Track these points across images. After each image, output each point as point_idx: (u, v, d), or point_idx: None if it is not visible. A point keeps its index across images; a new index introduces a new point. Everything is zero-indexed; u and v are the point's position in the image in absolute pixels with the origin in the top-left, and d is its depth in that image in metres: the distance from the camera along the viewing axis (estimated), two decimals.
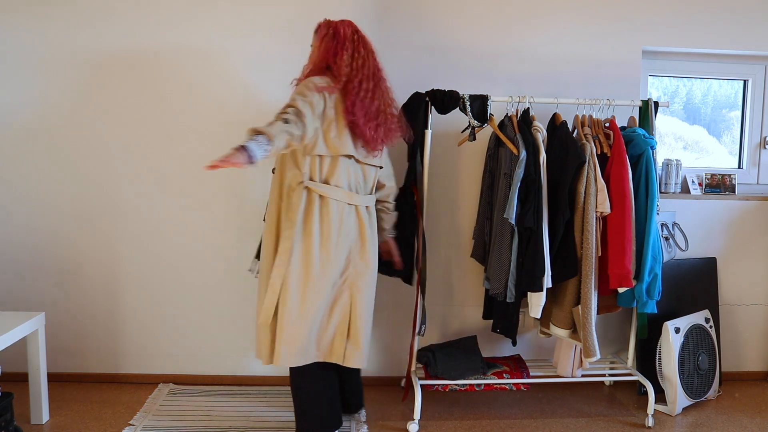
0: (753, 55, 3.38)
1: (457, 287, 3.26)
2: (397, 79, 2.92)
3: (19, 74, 3.02)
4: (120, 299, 3.17)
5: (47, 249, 3.13)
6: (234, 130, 3.10)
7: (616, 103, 2.88)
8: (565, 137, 2.76)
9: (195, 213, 3.13)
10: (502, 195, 2.75)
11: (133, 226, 3.14)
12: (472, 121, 2.79)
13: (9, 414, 2.51)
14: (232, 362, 3.22)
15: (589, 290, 2.70)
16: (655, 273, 2.79)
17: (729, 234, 3.36)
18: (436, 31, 3.11)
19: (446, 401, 3.08)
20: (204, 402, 3.00)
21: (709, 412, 3.04)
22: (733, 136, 3.61)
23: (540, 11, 3.15)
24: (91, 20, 3.01)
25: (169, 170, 3.12)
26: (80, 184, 3.10)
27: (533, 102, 2.83)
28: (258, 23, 3.04)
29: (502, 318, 2.85)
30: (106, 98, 3.06)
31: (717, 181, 3.41)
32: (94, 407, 2.93)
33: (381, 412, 2.96)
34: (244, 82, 3.06)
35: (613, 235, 2.74)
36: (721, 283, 3.37)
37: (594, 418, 2.95)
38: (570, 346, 2.95)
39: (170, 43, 3.03)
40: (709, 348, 3.11)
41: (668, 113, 3.56)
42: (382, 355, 3.27)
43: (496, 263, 2.75)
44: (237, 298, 3.15)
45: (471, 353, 2.95)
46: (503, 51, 3.14)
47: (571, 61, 3.18)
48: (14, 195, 3.10)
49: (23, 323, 2.59)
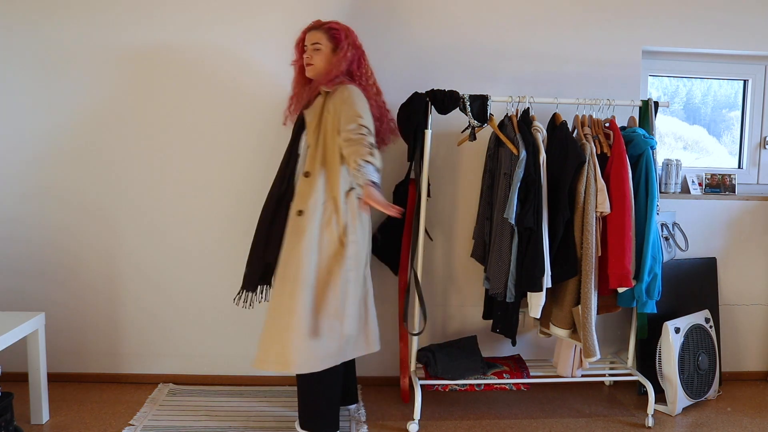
0: (753, 55, 3.38)
1: (457, 287, 3.26)
2: (397, 79, 2.93)
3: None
4: (120, 299, 3.18)
5: (48, 249, 3.13)
6: (234, 130, 3.12)
7: (616, 103, 2.88)
8: (565, 137, 2.76)
9: (195, 213, 3.14)
10: (502, 195, 2.75)
11: (133, 227, 3.14)
12: (472, 121, 2.79)
13: (9, 414, 2.51)
14: (232, 362, 3.22)
15: (589, 290, 2.70)
16: (654, 273, 2.79)
17: (729, 234, 3.36)
18: (436, 31, 3.11)
19: (446, 401, 3.08)
20: (204, 402, 3.00)
21: (709, 412, 3.04)
22: (733, 136, 3.62)
23: (540, 11, 3.15)
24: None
25: (168, 171, 3.12)
26: (80, 184, 3.10)
27: (533, 102, 2.83)
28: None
29: (501, 318, 2.85)
30: (105, 98, 3.07)
31: (717, 181, 3.41)
32: (94, 407, 2.93)
33: (381, 412, 2.96)
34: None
35: (613, 235, 2.74)
36: (721, 283, 3.37)
37: (594, 418, 2.95)
38: (570, 346, 2.95)
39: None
40: (709, 348, 3.11)
41: (668, 113, 3.56)
42: (382, 355, 3.26)
43: (496, 263, 2.75)
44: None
45: (471, 353, 2.95)
46: (503, 51, 3.14)
47: (571, 61, 3.18)
48: (14, 195, 3.10)
49: (23, 323, 2.59)
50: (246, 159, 3.11)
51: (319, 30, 2.61)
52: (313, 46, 2.59)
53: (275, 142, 3.00)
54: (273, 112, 3.02)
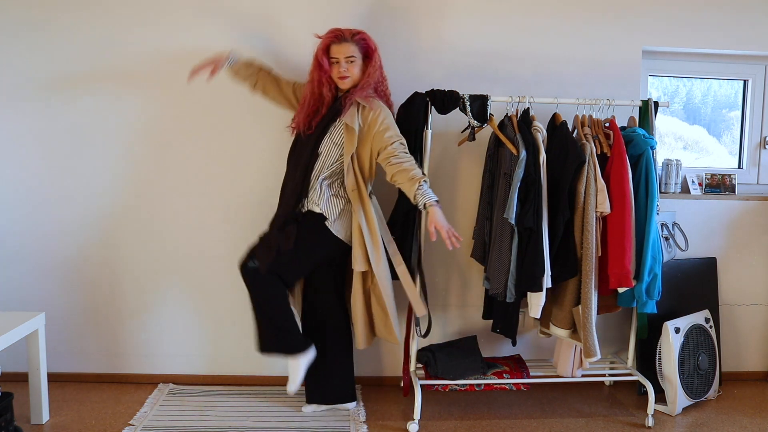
0: (753, 55, 3.38)
1: (457, 287, 3.26)
2: (397, 79, 2.93)
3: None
4: (120, 299, 3.18)
5: (48, 249, 3.13)
6: (232, 132, 3.12)
7: (616, 103, 2.88)
8: (565, 137, 2.76)
9: (196, 213, 3.13)
10: (501, 195, 2.75)
11: (133, 227, 3.14)
12: (472, 121, 2.79)
13: (9, 414, 2.51)
14: (232, 362, 3.22)
15: (589, 290, 2.70)
16: (655, 273, 2.79)
17: (729, 234, 3.36)
18: (436, 31, 3.11)
19: (446, 401, 3.08)
20: (204, 402, 3.00)
21: (709, 412, 3.04)
22: (733, 136, 3.62)
23: (540, 11, 3.14)
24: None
25: (169, 171, 3.12)
26: (80, 184, 3.10)
27: (533, 102, 2.83)
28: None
29: (502, 318, 2.85)
30: (106, 98, 3.07)
31: (717, 181, 3.41)
32: (94, 407, 2.93)
33: (381, 412, 2.96)
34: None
35: (613, 235, 2.74)
36: (721, 283, 3.37)
37: (594, 418, 2.95)
38: (570, 346, 2.95)
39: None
40: (709, 348, 3.11)
41: (668, 113, 3.56)
42: (383, 355, 3.27)
43: (496, 263, 2.75)
44: (237, 299, 3.14)
45: (471, 353, 2.95)
46: (503, 51, 3.14)
47: (571, 61, 3.18)
48: (15, 195, 3.10)
49: (23, 323, 2.59)
50: (246, 161, 3.11)
51: (350, 42, 2.64)
52: (347, 59, 2.64)
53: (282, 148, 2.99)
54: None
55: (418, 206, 2.55)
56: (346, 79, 2.66)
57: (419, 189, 2.50)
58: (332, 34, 2.66)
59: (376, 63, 2.69)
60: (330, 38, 2.66)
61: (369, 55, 2.69)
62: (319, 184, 2.68)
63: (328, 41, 2.66)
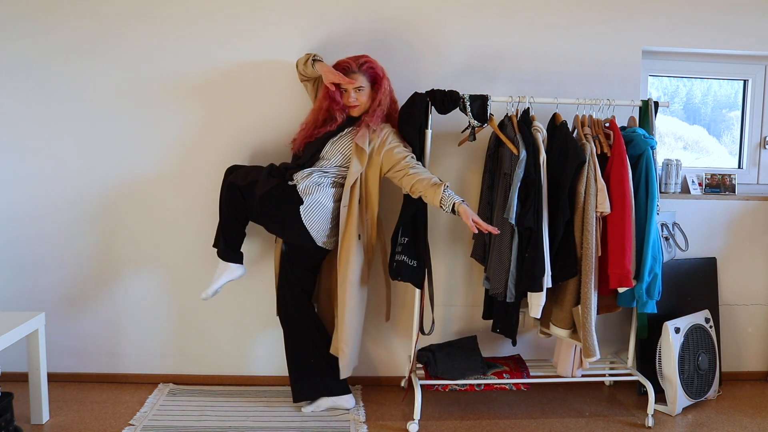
0: (753, 55, 3.38)
1: (457, 287, 3.26)
2: (397, 79, 2.93)
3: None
4: (120, 299, 3.17)
5: (48, 249, 3.13)
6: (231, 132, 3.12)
7: (616, 103, 2.88)
8: (565, 137, 2.76)
9: (196, 213, 3.13)
10: (502, 195, 2.75)
11: (133, 227, 3.14)
12: (472, 121, 2.79)
13: (9, 414, 2.51)
14: (232, 362, 3.22)
15: (589, 290, 2.70)
16: (655, 273, 2.79)
17: (729, 234, 3.36)
18: (436, 31, 3.11)
19: (446, 401, 3.08)
20: (204, 402, 3.00)
21: (709, 412, 3.04)
22: (733, 136, 3.62)
23: (540, 11, 3.14)
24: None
25: (169, 171, 3.12)
26: (80, 184, 3.10)
27: (533, 102, 2.83)
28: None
29: (502, 318, 2.86)
30: (105, 98, 3.07)
31: (717, 181, 3.41)
32: (94, 407, 2.93)
33: (381, 412, 2.96)
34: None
35: (613, 235, 2.74)
36: (721, 283, 3.37)
37: (594, 418, 2.95)
38: (570, 346, 2.95)
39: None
40: (709, 348, 3.11)
41: (668, 113, 3.56)
42: (383, 355, 3.27)
43: (496, 263, 2.75)
44: (237, 298, 3.15)
45: (471, 353, 2.95)
46: (503, 51, 3.14)
47: (571, 61, 3.17)
48: (15, 195, 3.10)
49: (23, 323, 2.59)
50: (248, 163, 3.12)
51: (358, 72, 2.74)
52: (356, 89, 2.73)
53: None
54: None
55: (444, 209, 2.59)
56: (355, 108, 2.78)
57: (444, 192, 2.58)
58: (340, 68, 2.74)
59: (385, 89, 2.78)
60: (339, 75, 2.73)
61: (377, 81, 2.78)
62: (317, 170, 2.73)
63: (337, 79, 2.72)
